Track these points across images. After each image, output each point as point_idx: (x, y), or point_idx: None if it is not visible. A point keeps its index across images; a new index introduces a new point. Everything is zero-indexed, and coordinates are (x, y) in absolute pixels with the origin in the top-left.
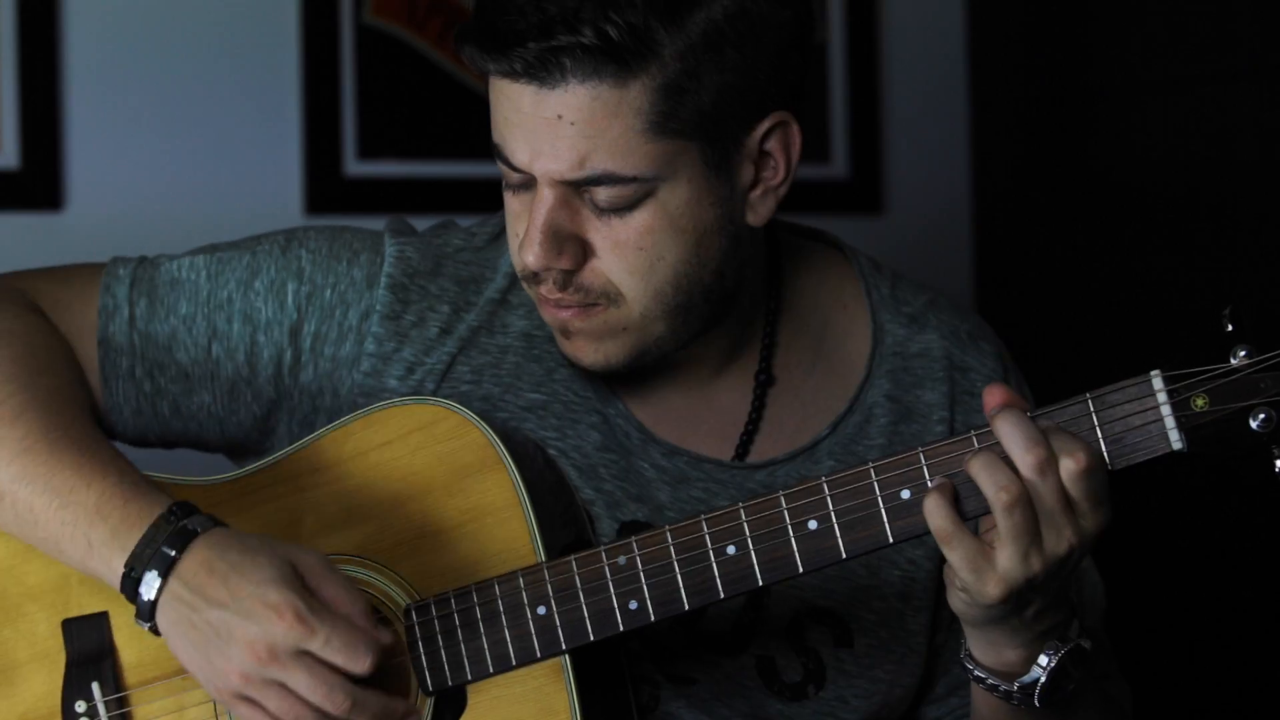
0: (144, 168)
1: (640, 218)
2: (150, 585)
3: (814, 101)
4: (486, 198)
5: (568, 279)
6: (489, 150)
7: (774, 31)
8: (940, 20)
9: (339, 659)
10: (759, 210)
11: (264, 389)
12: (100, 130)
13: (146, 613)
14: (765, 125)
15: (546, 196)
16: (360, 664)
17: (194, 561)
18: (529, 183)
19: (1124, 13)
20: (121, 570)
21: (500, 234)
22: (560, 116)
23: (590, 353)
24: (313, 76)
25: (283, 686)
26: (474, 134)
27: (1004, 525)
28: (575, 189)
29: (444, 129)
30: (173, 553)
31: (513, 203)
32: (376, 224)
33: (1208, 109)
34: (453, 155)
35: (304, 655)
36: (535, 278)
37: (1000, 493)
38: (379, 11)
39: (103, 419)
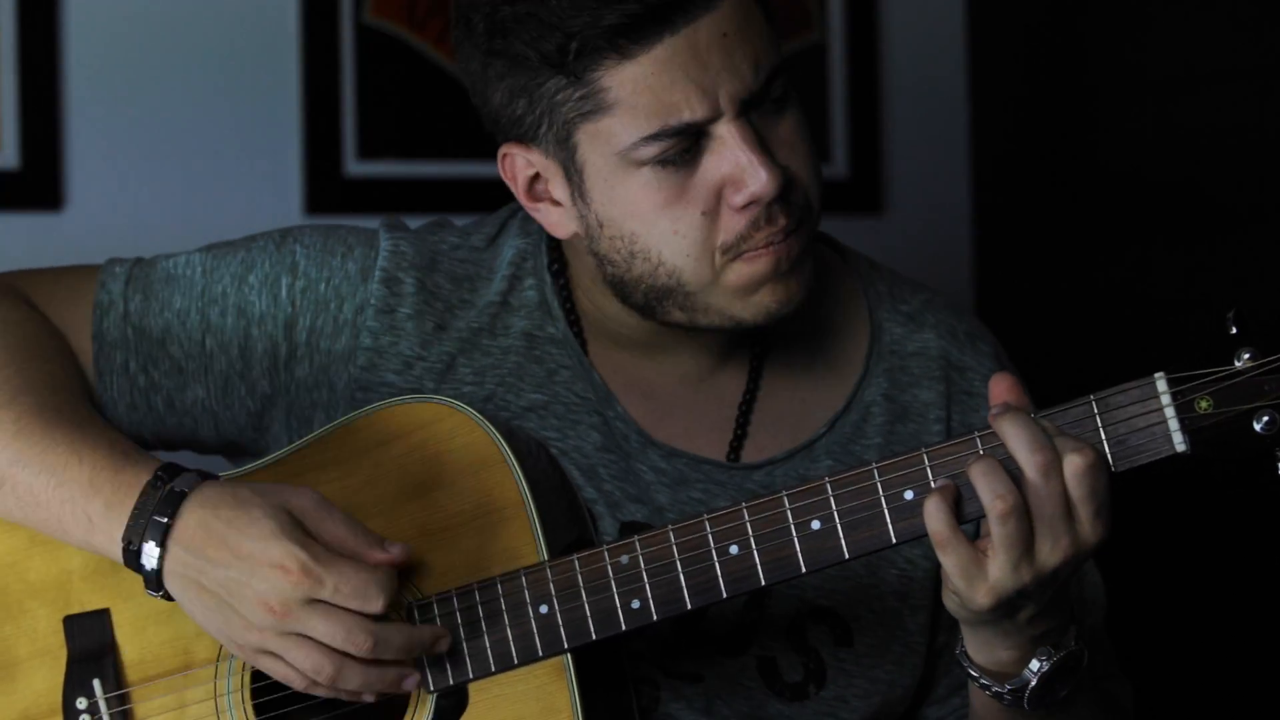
0: (144, 168)
1: (791, 114)
2: (150, 555)
3: (814, 101)
4: (486, 198)
5: (788, 200)
6: (489, 150)
7: None
8: (940, 20)
9: (352, 604)
10: None
11: (258, 383)
12: (100, 130)
13: (154, 582)
14: None
15: (738, 125)
16: (373, 604)
17: (189, 524)
18: (693, 143)
19: (1124, 13)
20: (121, 544)
21: (497, 236)
22: (725, 34)
23: (801, 287)
24: (313, 77)
25: (303, 637)
26: (474, 134)
27: (997, 533)
28: (751, 108)
29: (444, 129)
30: (164, 519)
31: (664, 186)
32: (375, 224)
33: (1208, 109)
34: (453, 155)
35: (317, 603)
36: (758, 222)
37: (996, 500)
38: (379, 11)
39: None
